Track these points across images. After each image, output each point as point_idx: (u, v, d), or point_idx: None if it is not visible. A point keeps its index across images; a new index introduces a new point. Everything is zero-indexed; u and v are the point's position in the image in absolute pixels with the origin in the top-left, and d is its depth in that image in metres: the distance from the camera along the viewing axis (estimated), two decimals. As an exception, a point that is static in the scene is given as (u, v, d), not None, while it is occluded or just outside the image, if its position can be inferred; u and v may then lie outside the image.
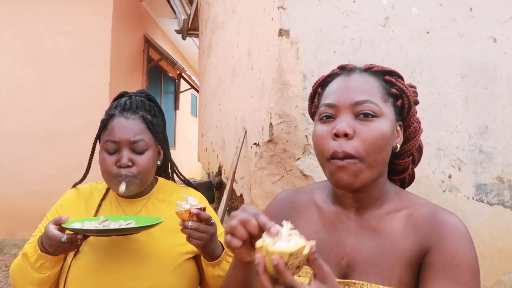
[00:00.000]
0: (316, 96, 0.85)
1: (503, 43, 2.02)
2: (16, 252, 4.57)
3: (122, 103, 1.08)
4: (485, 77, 2.01)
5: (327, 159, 0.71)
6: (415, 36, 1.97)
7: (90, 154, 1.12)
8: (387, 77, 0.78)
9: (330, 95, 0.76)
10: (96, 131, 1.10)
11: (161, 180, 1.19)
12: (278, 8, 1.89)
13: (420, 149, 0.85)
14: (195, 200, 0.93)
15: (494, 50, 2.02)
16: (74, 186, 1.17)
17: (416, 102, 0.81)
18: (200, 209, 0.91)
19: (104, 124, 1.05)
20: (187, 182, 1.23)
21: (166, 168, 1.24)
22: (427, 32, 1.98)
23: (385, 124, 0.71)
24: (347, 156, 0.68)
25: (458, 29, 2.00)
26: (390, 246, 0.72)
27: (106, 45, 4.99)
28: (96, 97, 4.86)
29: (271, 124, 1.96)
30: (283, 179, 2.01)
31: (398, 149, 0.77)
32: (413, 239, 0.71)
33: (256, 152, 2.21)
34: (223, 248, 1.02)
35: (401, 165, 0.81)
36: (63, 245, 0.88)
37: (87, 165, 1.15)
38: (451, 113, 1.97)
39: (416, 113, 0.81)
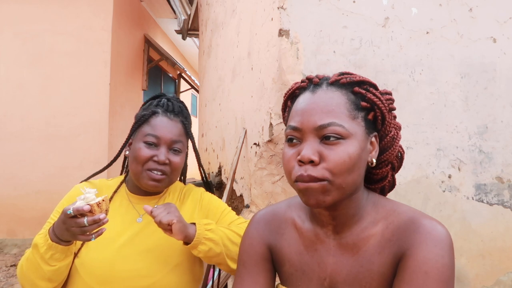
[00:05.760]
0: (286, 109, 0.83)
1: (502, 43, 2.03)
2: (16, 252, 4.57)
3: (164, 104, 1.13)
4: (485, 77, 2.01)
5: (294, 181, 0.70)
6: (415, 36, 1.97)
7: (123, 144, 1.14)
8: (357, 89, 0.73)
9: (295, 116, 0.73)
10: (96, 131, 1.12)
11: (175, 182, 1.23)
12: (278, 8, 1.89)
13: (400, 156, 0.81)
14: (92, 192, 0.89)
15: (493, 50, 2.02)
16: (89, 178, 1.19)
17: (392, 109, 0.76)
18: (99, 202, 0.86)
19: (146, 119, 1.09)
20: (198, 184, 1.29)
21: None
22: (427, 32, 1.98)
23: (352, 145, 0.68)
24: (313, 179, 0.67)
25: (458, 29, 2.00)
26: (367, 264, 0.70)
27: (106, 45, 4.99)
28: (96, 97, 4.86)
29: (271, 124, 1.96)
30: (283, 179, 2.01)
31: (374, 163, 0.74)
32: (388, 251, 0.69)
33: (256, 152, 2.21)
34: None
35: (378, 174, 0.79)
36: (71, 222, 0.86)
37: (117, 154, 1.17)
38: (451, 113, 1.98)
39: (393, 119, 0.77)
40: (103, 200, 0.88)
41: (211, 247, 0.99)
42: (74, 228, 0.86)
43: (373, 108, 0.73)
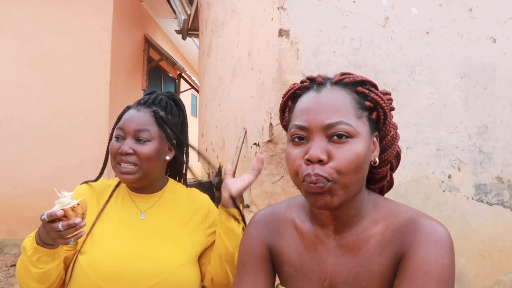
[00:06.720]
0: (287, 110, 0.81)
1: (502, 44, 2.03)
2: (16, 252, 4.58)
3: (141, 99, 1.14)
4: (485, 77, 2.01)
5: (301, 181, 0.69)
6: (415, 36, 1.97)
7: (107, 149, 1.15)
8: (360, 89, 0.73)
9: (300, 115, 0.71)
10: (96, 130, 1.12)
11: (171, 181, 1.22)
12: (278, 8, 1.89)
13: (398, 156, 0.82)
14: (68, 196, 0.89)
15: (493, 50, 2.02)
16: (86, 182, 1.18)
17: (392, 109, 0.77)
18: (73, 206, 0.86)
19: (120, 117, 1.12)
20: (198, 183, 1.27)
21: (178, 170, 1.26)
22: (427, 32, 1.98)
23: (360, 144, 0.68)
24: (320, 179, 0.66)
25: (458, 29, 2.00)
26: (367, 264, 0.70)
27: (106, 45, 4.99)
28: (96, 97, 4.86)
29: (271, 124, 1.96)
30: (283, 179, 2.01)
31: (378, 162, 0.74)
32: (388, 252, 0.69)
33: (256, 152, 2.21)
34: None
35: (379, 174, 0.79)
36: (48, 227, 0.87)
37: (105, 157, 1.17)
38: (450, 113, 1.98)
39: (392, 118, 0.78)
40: (78, 204, 0.88)
41: (225, 222, 1.05)
42: (52, 233, 0.86)
43: (376, 108, 0.74)
